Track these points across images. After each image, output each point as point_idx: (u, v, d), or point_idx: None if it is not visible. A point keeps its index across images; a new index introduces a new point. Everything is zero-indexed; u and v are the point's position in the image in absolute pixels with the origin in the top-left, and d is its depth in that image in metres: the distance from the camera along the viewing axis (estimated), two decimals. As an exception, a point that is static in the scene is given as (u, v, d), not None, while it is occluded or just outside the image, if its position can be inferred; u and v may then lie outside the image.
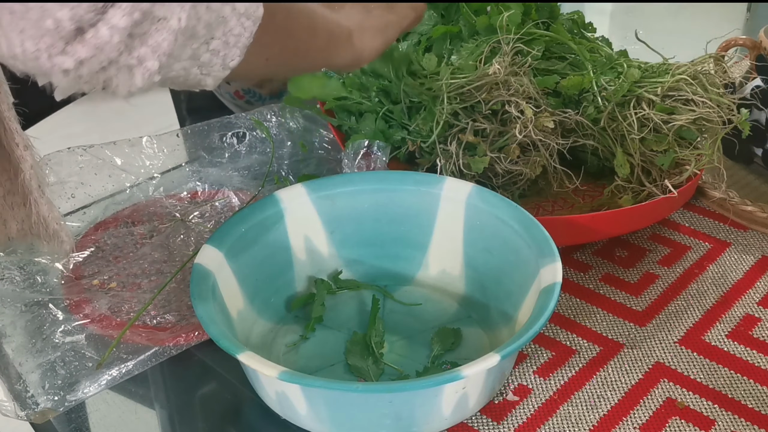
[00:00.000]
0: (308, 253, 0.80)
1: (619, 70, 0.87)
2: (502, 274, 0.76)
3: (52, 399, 0.70)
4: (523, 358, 0.74)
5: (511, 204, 0.76)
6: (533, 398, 0.70)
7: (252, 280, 0.75)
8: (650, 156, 0.84)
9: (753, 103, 0.92)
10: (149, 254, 0.86)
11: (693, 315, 0.79)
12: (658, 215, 0.86)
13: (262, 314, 0.76)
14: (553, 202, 0.91)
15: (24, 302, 0.79)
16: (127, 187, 0.96)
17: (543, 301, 0.66)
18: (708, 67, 0.87)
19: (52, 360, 0.73)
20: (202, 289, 0.68)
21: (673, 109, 0.84)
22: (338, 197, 0.80)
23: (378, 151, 0.87)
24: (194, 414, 0.73)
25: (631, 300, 0.81)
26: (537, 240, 0.72)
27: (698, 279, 0.83)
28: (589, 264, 0.86)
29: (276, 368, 0.60)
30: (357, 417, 0.64)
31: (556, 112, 0.83)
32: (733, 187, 0.93)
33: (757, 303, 0.80)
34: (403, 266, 0.82)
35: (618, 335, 0.77)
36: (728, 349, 0.75)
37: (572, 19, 0.95)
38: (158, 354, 0.73)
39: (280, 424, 0.67)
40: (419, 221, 0.80)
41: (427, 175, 0.81)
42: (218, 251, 0.72)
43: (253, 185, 0.96)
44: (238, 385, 0.72)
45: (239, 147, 1.02)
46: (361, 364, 0.72)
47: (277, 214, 0.78)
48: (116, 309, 0.78)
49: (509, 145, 0.82)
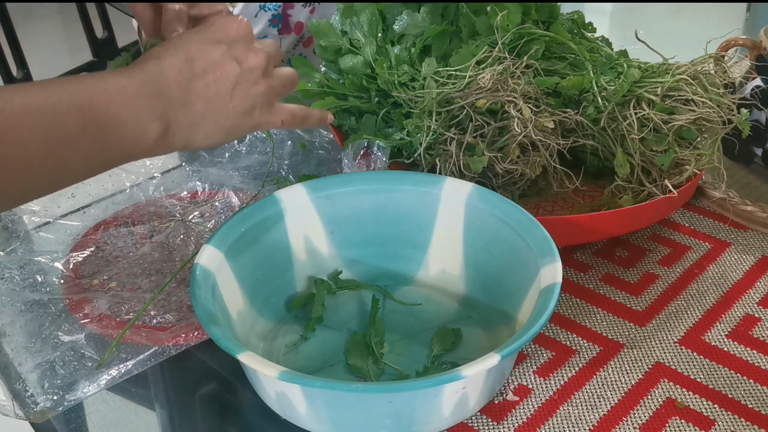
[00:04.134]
0: (308, 253, 0.80)
1: (619, 70, 0.87)
2: (502, 274, 0.76)
3: (52, 399, 0.70)
4: (523, 358, 0.74)
5: (511, 204, 0.76)
6: (533, 398, 0.70)
7: (252, 280, 0.75)
8: (650, 156, 0.84)
9: (753, 103, 0.92)
10: (149, 254, 0.86)
11: (693, 315, 0.79)
12: (658, 215, 0.86)
13: (262, 314, 0.76)
14: (553, 202, 0.91)
15: (24, 302, 0.79)
16: (127, 187, 0.96)
17: (543, 301, 0.66)
18: (708, 67, 0.87)
19: (52, 360, 0.73)
20: (202, 289, 0.68)
21: (673, 109, 0.84)
22: (338, 197, 0.80)
23: (378, 151, 0.87)
24: (194, 414, 0.73)
25: (631, 300, 0.81)
26: (537, 240, 0.72)
27: (698, 279, 0.83)
28: (589, 264, 0.86)
29: (276, 368, 0.60)
30: (357, 417, 0.64)
31: (556, 112, 0.83)
32: (733, 187, 0.93)
33: (757, 303, 0.80)
34: (403, 266, 0.82)
35: (618, 335, 0.77)
36: (728, 349, 0.75)
37: (572, 19, 0.95)
38: (158, 354, 0.73)
39: (280, 424, 0.67)
40: (419, 221, 0.80)
41: (427, 175, 0.81)
42: (218, 251, 0.72)
43: (253, 185, 0.96)
44: (238, 385, 0.72)
45: (239, 147, 1.02)
46: (361, 364, 0.72)
47: (277, 214, 0.78)
48: (116, 309, 0.78)
49: (509, 145, 0.82)
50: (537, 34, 0.89)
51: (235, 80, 0.60)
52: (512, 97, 0.80)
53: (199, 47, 0.60)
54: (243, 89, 0.61)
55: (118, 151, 0.58)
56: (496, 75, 0.80)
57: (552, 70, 0.89)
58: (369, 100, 0.91)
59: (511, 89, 0.81)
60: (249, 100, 0.62)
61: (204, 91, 0.59)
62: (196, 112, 0.59)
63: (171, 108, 0.58)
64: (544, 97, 0.85)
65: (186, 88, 0.58)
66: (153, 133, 0.57)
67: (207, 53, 0.60)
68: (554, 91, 0.88)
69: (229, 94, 0.60)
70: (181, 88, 0.58)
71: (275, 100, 0.65)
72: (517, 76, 0.83)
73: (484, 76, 0.80)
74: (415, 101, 0.86)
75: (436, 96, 0.82)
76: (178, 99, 0.58)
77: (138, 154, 0.59)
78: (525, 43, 0.88)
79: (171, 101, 0.58)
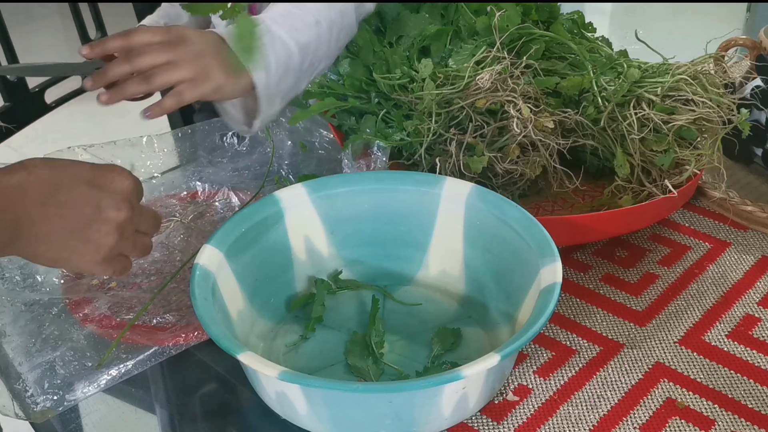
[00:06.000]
0: (308, 253, 0.80)
1: (619, 70, 0.87)
2: (502, 274, 0.76)
3: (52, 398, 0.70)
4: (523, 358, 0.74)
5: (511, 204, 0.76)
6: (533, 398, 0.70)
7: (252, 280, 0.75)
8: (650, 156, 0.84)
9: (753, 103, 0.92)
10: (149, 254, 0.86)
11: (693, 315, 0.79)
12: (658, 215, 0.86)
13: (262, 314, 0.76)
14: (553, 202, 0.91)
15: (24, 302, 0.79)
16: (127, 187, 0.96)
17: (543, 301, 0.66)
18: (708, 67, 0.87)
19: (52, 360, 0.73)
20: (202, 289, 0.68)
21: (673, 109, 0.84)
22: (338, 197, 0.80)
23: (378, 151, 0.87)
24: (194, 414, 0.73)
25: (631, 300, 0.81)
26: (537, 240, 0.72)
27: (698, 279, 0.83)
28: (589, 264, 0.86)
29: (276, 368, 0.60)
30: (357, 417, 0.64)
31: (556, 112, 0.83)
32: (733, 187, 0.93)
33: (757, 303, 0.80)
34: (403, 266, 0.82)
35: (618, 335, 0.77)
36: (728, 349, 0.75)
37: (572, 19, 0.95)
38: (158, 354, 0.73)
39: (280, 424, 0.67)
40: (419, 221, 0.80)
41: (427, 175, 0.81)
42: (218, 251, 0.72)
43: (253, 185, 0.96)
44: (238, 385, 0.72)
45: (239, 147, 1.02)
46: (361, 364, 0.72)
47: (277, 214, 0.78)
48: (116, 309, 0.78)
49: (509, 145, 0.82)
50: (537, 34, 0.89)
51: (86, 223, 0.63)
52: (512, 97, 0.80)
53: (72, 181, 0.63)
54: (91, 233, 0.63)
55: None
56: (494, 75, 0.80)
57: (552, 70, 0.89)
58: (369, 101, 0.91)
59: (511, 89, 0.81)
60: (91, 244, 0.64)
61: (52, 218, 0.62)
62: (40, 230, 0.62)
63: (20, 220, 0.61)
64: (544, 97, 0.85)
65: (39, 208, 0.61)
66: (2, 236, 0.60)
67: (75, 189, 0.62)
68: (554, 91, 0.88)
69: (74, 232, 0.63)
70: (35, 206, 0.61)
71: (117, 253, 0.66)
72: (517, 76, 0.83)
73: (483, 77, 0.80)
74: (414, 103, 0.86)
75: (436, 97, 0.82)
76: (29, 214, 0.61)
77: None
78: (525, 43, 0.88)
79: (23, 214, 0.61)
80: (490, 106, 0.81)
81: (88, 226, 0.63)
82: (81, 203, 0.62)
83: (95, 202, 0.63)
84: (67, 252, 0.63)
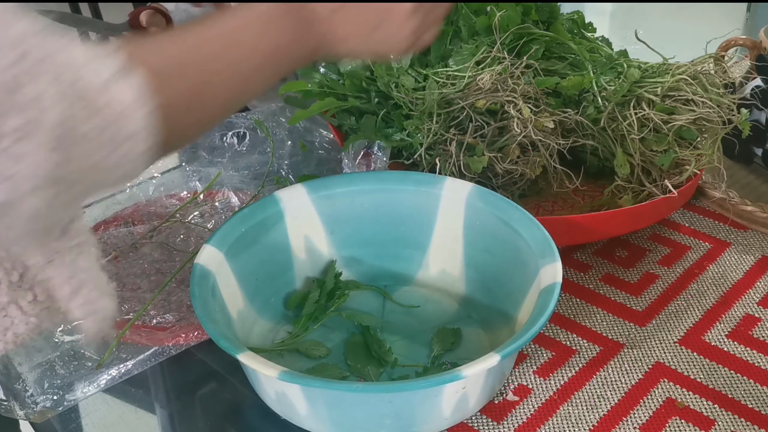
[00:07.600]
0: (308, 253, 0.80)
1: (619, 70, 0.87)
2: (502, 274, 0.76)
3: (52, 398, 0.70)
4: (523, 358, 0.74)
5: (511, 204, 0.76)
6: (533, 398, 0.70)
7: (252, 280, 0.75)
8: (650, 156, 0.84)
9: (753, 103, 0.92)
10: (149, 254, 0.86)
11: (693, 315, 0.79)
12: (658, 215, 0.86)
13: (262, 314, 0.76)
14: (553, 202, 0.91)
15: (24, 302, 0.79)
16: (127, 187, 0.96)
17: (543, 301, 0.66)
18: (708, 67, 0.87)
19: (52, 359, 0.73)
20: (202, 289, 0.68)
21: (673, 109, 0.84)
22: (338, 197, 0.80)
23: (378, 151, 0.86)
24: (194, 414, 0.73)
25: (631, 300, 0.81)
26: (537, 240, 0.72)
27: (698, 279, 0.83)
28: (589, 264, 0.86)
29: (276, 368, 0.60)
30: (357, 417, 0.64)
31: (556, 112, 0.83)
32: (733, 187, 0.93)
33: (757, 303, 0.80)
34: (403, 266, 0.82)
35: (618, 335, 0.77)
36: (728, 349, 0.75)
37: (572, 19, 0.95)
38: (158, 354, 0.73)
39: (280, 424, 0.67)
40: (419, 221, 0.80)
41: (427, 175, 0.81)
42: (218, 251, 0.72)
43: (253, 185, 0.96)
44: (238, 385, 0.72)
45: (239, 147, 1.02)
46: (361, 364, 0.72)
47: (277, 214, 0.78)
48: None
49: (509, 146, 0.82)
50: (537, 34, 0.89)
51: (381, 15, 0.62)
52: (512, 97, 0.80)
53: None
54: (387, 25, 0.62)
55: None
56: (495, 75, 0.80)
57: (552, 70, 0.89)
58: (369, 101, 0.91)
59: (511, 89, 0.81)
60: (391, 36, 0.63)
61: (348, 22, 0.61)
62: (340, 35, 0.61)
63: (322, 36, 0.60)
64: (544, 97, 0.85)
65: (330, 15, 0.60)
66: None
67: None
68: (554, 91, 0.88)
69: (374, 28, 0.62)
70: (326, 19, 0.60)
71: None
72: (517, 76, 0.83)
73: (483, 77, 0.80)
74: (415, 103, 0.86)
75: (436, 97, 0.82)
76: (325, 30, 0.60)
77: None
78: (525, 43, 0.88)
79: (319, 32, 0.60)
80: (490, 106, 0.81)
81: (384, 18, 0.62)
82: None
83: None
84: (373, 45, 0.63)
